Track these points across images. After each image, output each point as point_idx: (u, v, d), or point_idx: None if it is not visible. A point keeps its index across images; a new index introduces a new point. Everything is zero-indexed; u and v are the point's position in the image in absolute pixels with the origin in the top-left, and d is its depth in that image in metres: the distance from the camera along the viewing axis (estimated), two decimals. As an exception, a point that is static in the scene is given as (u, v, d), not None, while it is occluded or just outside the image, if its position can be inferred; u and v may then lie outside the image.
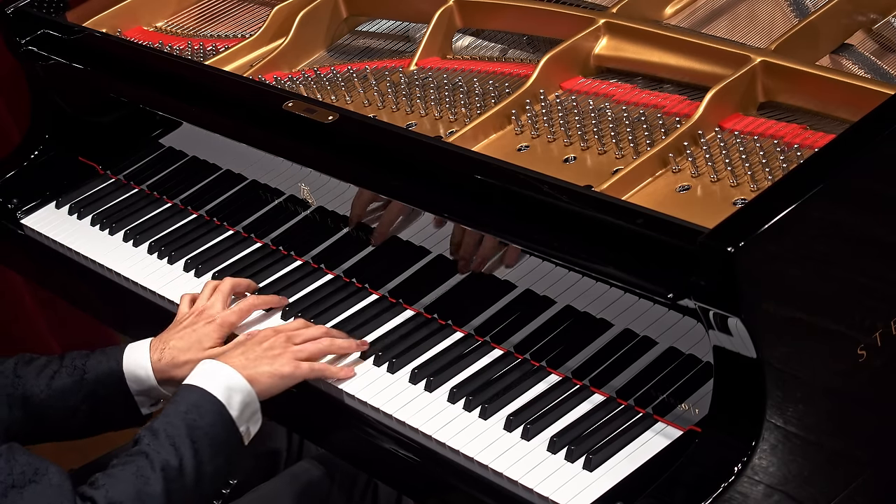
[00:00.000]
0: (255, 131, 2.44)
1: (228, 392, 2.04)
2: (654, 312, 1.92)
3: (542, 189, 1.99)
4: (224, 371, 2.07)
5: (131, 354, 2.22)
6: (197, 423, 1.99)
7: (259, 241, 2.55)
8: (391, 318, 2.28)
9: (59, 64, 2.80)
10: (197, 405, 2.02)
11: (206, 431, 2.00)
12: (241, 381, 2.06)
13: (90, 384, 2.20)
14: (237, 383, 2.06)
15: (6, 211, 2.86)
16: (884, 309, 1.85)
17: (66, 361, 2.22)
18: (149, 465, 1.93)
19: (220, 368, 2.07)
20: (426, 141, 2.21)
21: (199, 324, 2.26)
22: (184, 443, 1.96)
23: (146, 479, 1.92)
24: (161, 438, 1.96)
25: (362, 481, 2.32)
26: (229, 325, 2.27)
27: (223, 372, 2.06)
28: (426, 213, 2.19)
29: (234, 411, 2.03)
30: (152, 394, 2.22)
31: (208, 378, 2.05)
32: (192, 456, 1.96)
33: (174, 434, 1.97)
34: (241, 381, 2.06)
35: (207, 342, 2.23)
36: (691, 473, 1.78)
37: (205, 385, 2.04)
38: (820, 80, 2.08)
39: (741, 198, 2.00)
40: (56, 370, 2.21)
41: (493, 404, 2.04)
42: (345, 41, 2.76)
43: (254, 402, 2.07)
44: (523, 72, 2.40)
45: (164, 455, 1.94)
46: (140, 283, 2.53)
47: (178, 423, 1.98)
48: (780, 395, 1.76)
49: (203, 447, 1.98)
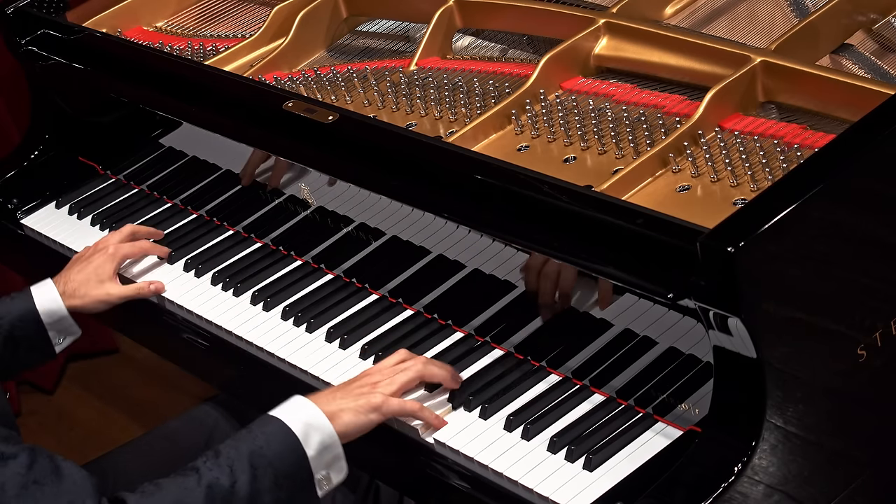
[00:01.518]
0: (255, 131, 2.44)
1: (306, 428, 1.95)
2: (654, 312, 1.92)
3: (542, 189, 1.99)
4: (307, 407, 1.98)
5: (39, 292, 2.38)
6: (262, 452, 1.92)
7: (259, 241, 2.55)
8: (391, 318, 2.28)
9: (59, 64, 2.80)
10: (268, 434, 1.94)
11: (270, 461, 1.91)
12: (323, 420, 1.97)
13: (6, 327, 2.34)
14: (318, 422, 1.97)
15: (6, 211, 2.86)
16: (884, 309, 1.85)
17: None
18: (196, 480, 1.88)
19: (304, 404, 1.99)
20: (426, 141, 2.21)
21: (95, 256, 2.45)
22: (242, 467, 1.89)
23: (189, 491, 1.87)
24: (221, 459, 1.91)
25: (364, 482, 2.32)
26: (122, 255, 2.46)
27: (306, 408, 1.98)
28: (426, 213, 2.19)
29: (310, 450, 1.94)
30: (62, 325, 2.38)
31: (289, 411, 1.98)
32: (248, 482, 1.89)
33: (235, 457, 1.91)
34: (323, 419, 1.97)
35: (103, 272, 2.42)
36: (691, 473, 1.78)
37: (284, 417, 1.96)
38: (820, 80, 2.08)
39: (741, 198, 2.00)
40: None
41: (493, 404, 2.04)
42: (345, 41, 2.76)
43: (335, 446, 1.97)
44: (523, 72, 2.40)
45: (216, 473, 1.89)
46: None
47: (242, 448, 1.92)
48: (780, 395, 1.76)
49: (264, 476, 1.90)
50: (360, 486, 2.32)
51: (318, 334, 2.28)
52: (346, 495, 2.26)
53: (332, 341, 2.26)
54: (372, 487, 2.33)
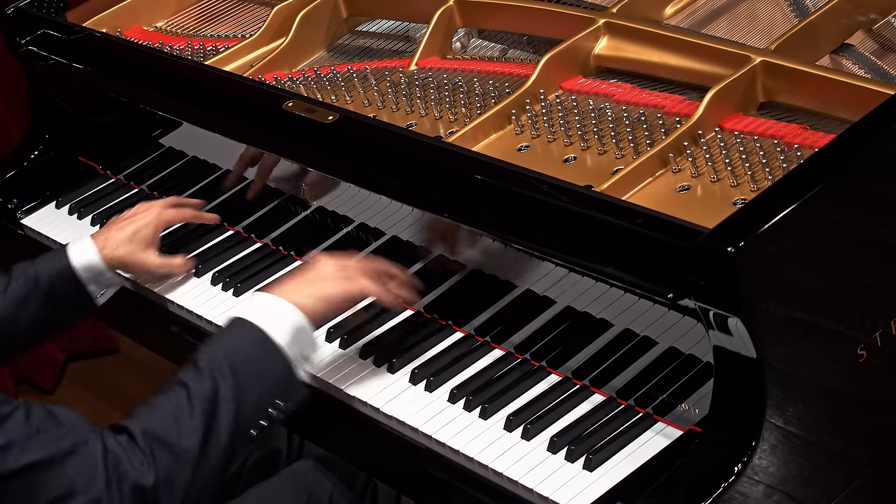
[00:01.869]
0: (255, 131, 2.44)
1: (273, 319, 2.02)
2: (654, 312, 1.92)
3: (542, 189, 1.99)
4: (270, 301, 2.06)
5: (76, 249, 2.36)
6: (236, 352, 1.99)
7: (259, 241, 2.55)
8: (392, 318, 2.27)
9: (59, 64, 2.80)
10: (236, 335, 2.02)
11: (244, 360, 1.98)
12: (288, 308, 2.05)
13: (45, 286, 2.32)
14: (283, 311, 2.04)
15: (6, 211, 2.86)
16: (884, 309, 1.85)
17: (14, 273, 2.32)
18: (185, 395, 1.93)
19: (267, 298, 2.06)
20: (426, 141, 2.21)
21: (137, 216, 2.43)
22: (223, 372, 1.95)
23: (181, 408, 1.92)
24: (201, 369, 1.96)
25: (362, 481, 2.32)
26: (165, 220, 2.44)
27: (268, 302, 2.06)
28: (426, 213, 2.19)
29: (281, 339, 2.01)
30: (102, 279, 2.37)
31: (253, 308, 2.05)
32: (231, 384, 1.95)
33: (214, 365, 1.97)
34: (288, 307, 2.05)
35: (143, 235, 2.40)
36: (691, 473, 1.78)
37: (248, 316, 2.03)
38: (820, 80, 2.08)
39: (741, 198, 2.00)
40: (7, 283, 2.30)
41: (493, 404, 2.04)
42: (345, 41, 2.76)
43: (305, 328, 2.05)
44: (523, 72, 2.40)
45: (199, 384, 1.94)
46: (140, 283, 2.53)
47: (217, 355, 1.98)
48: (780, 395, 1.76)
49: (242, 374, 1.97)
50: (358, 485, 2.32)
51: (317, 334, 2.27)
52: (343, 493, 2.26)
53: (332, 341, 2.26)
54: (369, 486, 2.33)
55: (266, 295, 2.08)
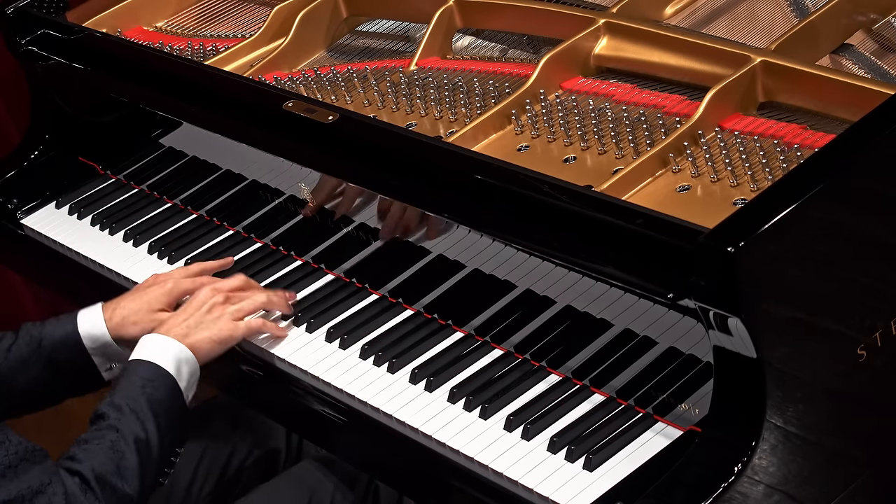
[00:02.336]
0: (255, 131, 2.44)
1: (178, 364, 2.13)
2: (654, 312, 1.92)
3: (542, 189, 1.99)
4: (171, 345, 2.14)
5: (85, 317, 2.29)
6: (154, 397, 2.07)
7: (259, 241, 2.55)
8: (391, 318, 2.27)
9: (59, 64, 2.80)
10: (151, 379, 2.09)
11: (162, 404, 2.07)
12: (187, 353, 2.15)
13: (47, 350, 2.26)
14: (184, 355, 2.14)
15: (6, 211, 2.86)
16: (884, 309, 1.85)
17: (21, 333, 2.28)
18: (122, 440, 2.00)
19: (167, 342, 2.15)
20: (426, 141, 2.21)
21: (152, 287, 2.33)
22: (147, 416, 2.04)
23: (121, 452, 1.99)
24: (126, 413, 2.03)
25: (363, 482, 2.32)
26: (181, 291, 2.33)
27: (170, 346, 2.14)
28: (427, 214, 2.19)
29: (182, 382, 2.12)
30: (108, 352, 2.28)
31: (158, 352, 2.13)
32: (155, 428, 2.04)
33: (137, 409, 2.04)
34: (187, 352, 2.15)
35: (156, 304, 2.30)
36: (691, 473, 1.78)
37: (156, 360, 2.11)
38: (820, 80, 2.08)
39: (741, 198, 2.00)
40: (12, 342, 2.27)
41: (493, 404, 2.04)
42: (345, 41, 2.76)
43: (196, 372, 2.16)
44: (523, 72, 2.40)
45: (133, 428, 2.02)
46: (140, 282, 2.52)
47: (138, 398, 2.05)
48: (780, 395, 1.76)
49: (162, 419, 2.06)
50: (360, 486, 2.32)
51: (318, 334, 2.28)
52: (345, 495, 2.26)
53: (332, 341, 2.26)
54: (371, 487, 2.33)
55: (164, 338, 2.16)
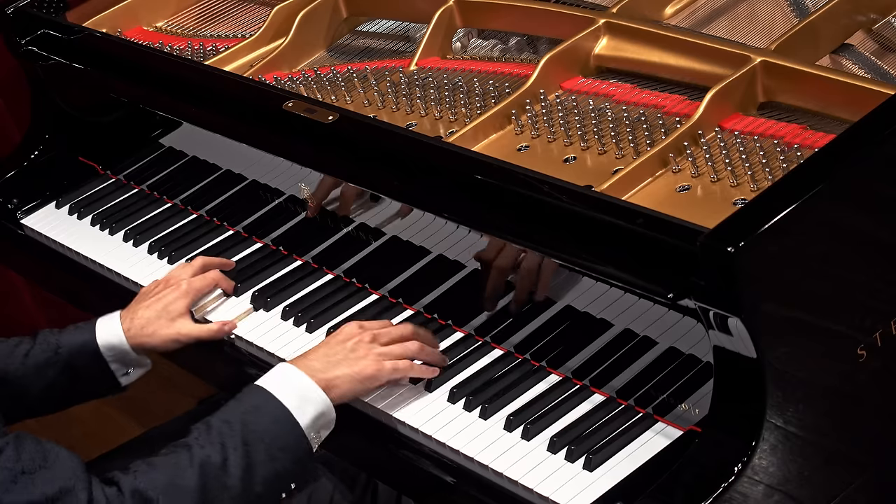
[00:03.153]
0: (256, 131, 2.44)
1: (301, 400, 1.98)
2: (654, 312, 1.92)
3: (542, 189, 1.99)
4: (298, 379, 2.00)
5: (103, 325, 2.26)
6: (253, 426, 1.94)
7: (259, 241, 2.55)
8: (391, 318, 2.27)
9: (59, 64, 2.80)
10: (258, 407, 1.96)
11: (262, 436, 1.93)
12: (317, 391, 1.99)
13: (65, 357, 2.24)
14: (313, 394, 1.99)
15: (6, 211, 2.86)
16: (884, 309, 1.85)
17: (38, 339, 2.26)
18: (188, 458, 1.89)
19: (295, 376, 2.01)
20: (426, 141, 2.21)
21: (166, 291, 2.30)
22: (233, 443, 1.91)
23: (181, 470, 1.88)
24: (212, 434, 1.92)
25: (362, 481, 2.32)
26: (195, 290, 2.31)
27: (297, 380, 2.00)
28: (426, 213, 2.19)
29: (303, 420, 1.97)
30: (126, 359, 2.26)
31: (281, 384, 1.99)
32: (241, 457, 1.91)
33: (226, 432, 1.92)
34: (317, 390, 1.99)
35: (175, 309, 2.27)
36: (691, 473, 1.78)
37: (275, 391, 1.98)
38: (820, 80, 2.08)
39: (741, 198, 2.00)
40: (29, 348, 2.25)
41: (493, 404, 2.04)
42: (345, 41, 2.76)
43: (329, 412, 2.00)
44: (523, 72, 2.40)
45: (207, 451, 1.90)
46: (140, 283, 2.53)
47: (233, 422, 1.93)
48: (780, 395, 1.76)
49: (257, 450, 1.92)
50: (358, 485, 2.31)
51: (318, 334, 2.28)
52: (344, 494, 2.26)
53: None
54: (370, 487, 2.33)
55: (295, 371, 2.01)
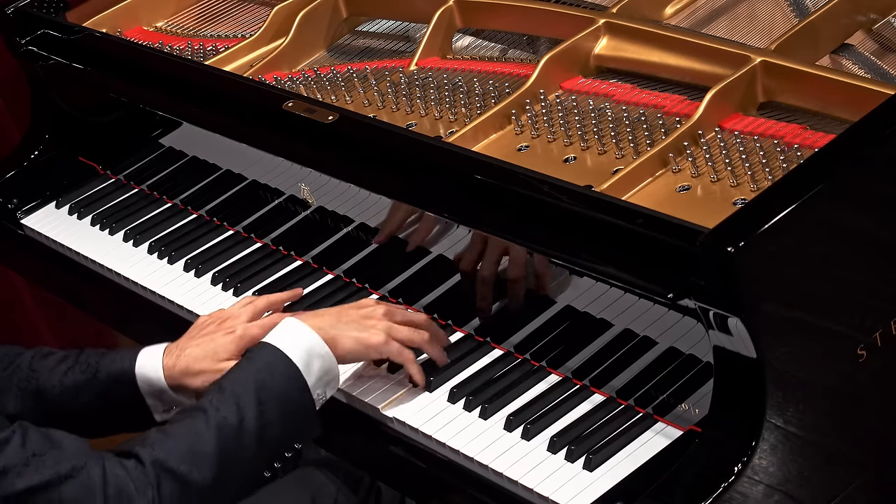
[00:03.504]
0: (255, 131, 2.44)
1: (308, 356, 1.97)
2: (654, 312, 1.92)
3: (542, 189, 1.99)
4: (306, 335, 1.99)
5: (145, 357, 2.13)
6: (267, 385, 1.92)
7: (259, 241, 2.55)
8: (391, 318, 2.27)
9: (59, 64, 2.80)
10: (270, 364, 1.95)
11: (276, 395, 1.93)
12: (323, 347, 1.99)
13: (102, 383, 2.13)
14: (319, 349, 1.99)
15: (6, 211, 2.86)
16: (884, 309, 1.85)
17: (81, 358, 2.17)
18: (204, 422, 1.88)
19: (302, 331, 1.99)
20: (426, 141, 2.21)
21: (219, 333, 2.13)
22: (249, 403, 1.90)
23: (199, 435, 1.87)
24: (226, 395, 1.90)
25: (366, 483, 2.32)
26: (250, 338, 2.11)
27: (305, 336, 1.99)
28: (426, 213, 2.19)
29: (310, 378, 1.96)
30: (164, 398, 2.12)
31: (289, 339, 1.98)
32: (255, 417, 1.90)
33: (240, 392, 1.90)
34: (323, 346, 1.99)
35: (224, 353, 2.10)
36: (691, 473, 1.78)
37: (283, 346, 1.96)
38: (820, 80, 2.08)
39: (741, 198, 2.00)
40: (70, 366, 2.16)
41: (493, 404, 2.04)
42: (345, 41, 2.76)
43: (333, 369, 2.00)
44: (523, 72, 2.40)
45: (223, 412, 1.88)
46: (140, 283, 2.53)
47: (247, 382, 1.92)
48: (780, 395, 1.76)
49: (271, 409, 1.91)
50: (362, 488, 2.31)
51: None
52: (347, 497, 2.26)
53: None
54: (373, 489, 2.33)
55: (302, 325, 1.99)
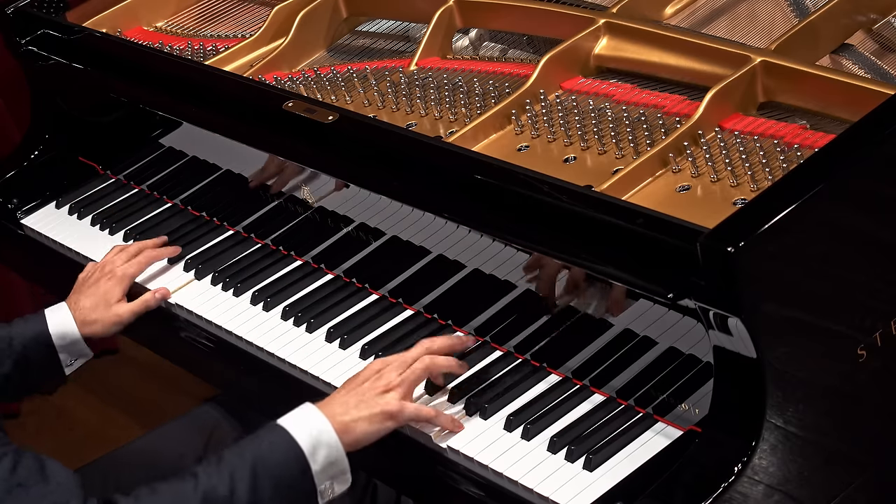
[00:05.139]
0: (255, 131, 2.44)
1: (314, 443, 1.93)
2: (654, 312, 1.92)
3: (542, 189, 1.99)
4: (317, 421, 1.95)
5: (53, 315, 2.37)
6: (265, 461, 1.90)
7: (259, 241, 2.55)
8: (391, 318, 2.28)
9: (59, 64, 2.80)
10: (273, 444, 1.93)
11: (273, 473, 1.90)
12: (332, 436, 1.94)
13: (18, 349, 2.33)
14: (327, 437, 1.94)
15: (6, 211, 2.86)
16: (884, 309, 1.85)
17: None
18: (193, 487, 1.87)
19: (315, 417, 1.96)
20: (426, 141, 2.21)
21: (102, 280, 2.42)
22: (243, 475, 1.88)
23: (184, 497, 1.87)
24: (221, 466, 1.90)
25: (362, 481, 2.32)
26: (129, 276, 2.44)
27: (316, 421, 1.95)
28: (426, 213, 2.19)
29: (315, 465, 1.93)
30: (74, 349, 2.37)
31: (298, 422, 1.95)
32: (247, 490, 1.88)
33: (236, 465, 1.90)
34: (332, 435, 1.94)
35: (112, 297, 2.40)
36: (691, 473, 1.78)
37: (291, 429, 1.94)
38: (820, 80, 2.08)
39: (741, 198, 2.00)
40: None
41: (493, 404, 2.04)
42: (345, 41, 2.76)
43: (341, 461, 1.95)
44: (523, 72, 2.40)
45: (213, 481, 1.88)
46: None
47: (244, 455, 1.91)
48: (780, 395, 1.76)
49: (264, 487, 1.89)
50: (358, 485, 2.31)
51: (318, 334, 2.28)
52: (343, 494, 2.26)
53: (332, 341, 2.26)
54: (369, 486, 2.33)
55: (316, 412, 1.96)
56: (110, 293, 2.41)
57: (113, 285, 2.42)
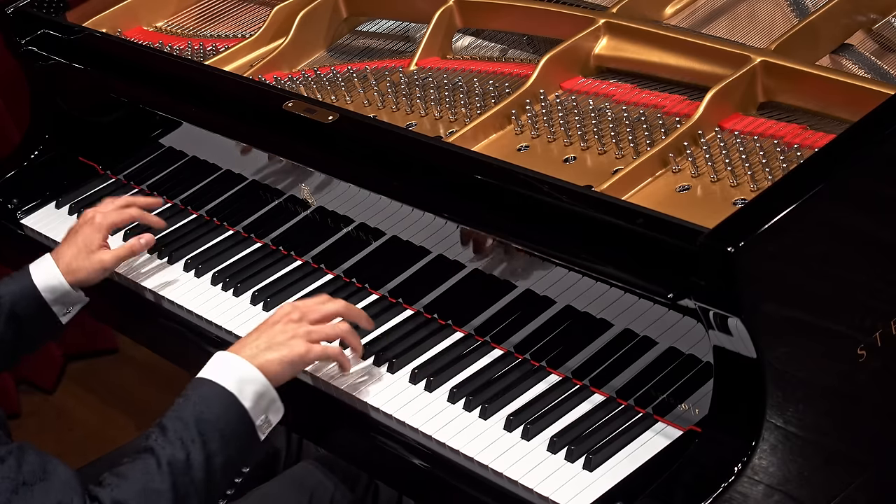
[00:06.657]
0: (256, 131, 2.44)
1: (240, 384, 2.01)
2: (654, 312, 1.92)
3: (542, 189, 1.99)
4: (235, 363, 2.04)
5: (38, 270, 2.39)
6: (205, 416, 1.97)
7: (259, 241, 2.55)
8: (391, 318, 2.28)
9: (59, 64, 2.80)
10: (206, 398, 2.00)
11: (214, 424, 1.97)
12: (254, 372, 2.03)
13: (7, 306, 2.35)
14: (249, 374, 2.03)
15: (6, 211, 2.86)
16: (884, 309, 1.85)
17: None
18: (155, 462, 1.92)
19: (232, 360, 2.04)
20: (426, 141, 2.21)
21: (84, 227, 2.45)
22: (191, 436, 1.95)
23: (152, 475, 1.91)
24: (169, 434, 1.95)
25: (363, 482, 2.32)
26: (109, 223, 2.46)
27: (234, 364, 2.04)
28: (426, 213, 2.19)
29: (246, 402, 2.01)
30: (67, 299, 2.40)
31: (219, 370, 2.03)
32: (200, 449, 1.95)
33: (182, 428, 1.96)
34: (254, 371, 2.03)
35: (93, 243, 2.42)
36: (691, 473, 1.78)
37: (215, 377, 2.02)
38: (820, 80, 2.08)
39: (741, 198, 2.00)
40: None
41: (493, 404, 2.04)
42: (345, 41, 2.76)
43: (269, 392, 2.04)
44: (523, 72, 2.40)
45: (170, 450, 1.93)
46: (139, 283, 2.53)
47: (186, 417, 1.97)
48: (780, 395, 1.76)
49: (212, 440, 1.96)
50: (360, 486, 2.32)
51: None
52: (344, 494, 2.26)
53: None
54: (371, 487, 2.33)
55: (231, 356, 2.05)
56: (90, 239, 2.43)
57: (92, 231, 2.44)
